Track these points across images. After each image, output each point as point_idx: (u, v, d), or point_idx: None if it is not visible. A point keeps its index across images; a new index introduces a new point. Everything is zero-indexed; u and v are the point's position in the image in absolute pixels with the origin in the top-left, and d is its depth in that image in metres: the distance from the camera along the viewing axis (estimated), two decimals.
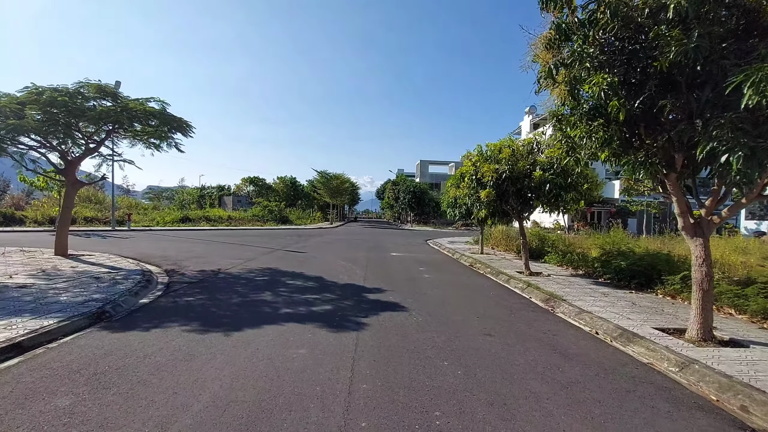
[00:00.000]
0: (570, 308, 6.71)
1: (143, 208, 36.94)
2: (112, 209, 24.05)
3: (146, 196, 64.09)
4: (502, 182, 9.70)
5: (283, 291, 7.29)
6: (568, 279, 9.67)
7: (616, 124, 4.90)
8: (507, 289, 8.53)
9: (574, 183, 9.43)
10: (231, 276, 8.77)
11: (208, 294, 6.95)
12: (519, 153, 10.07)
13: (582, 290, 8.28)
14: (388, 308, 6.22)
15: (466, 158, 10.83)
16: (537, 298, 7.64)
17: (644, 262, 8.74)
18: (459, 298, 7.22)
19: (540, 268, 11.44)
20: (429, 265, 11.82)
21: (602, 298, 7.53)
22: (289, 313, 5.78)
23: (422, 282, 8.79)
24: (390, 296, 7.10)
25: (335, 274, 9.29)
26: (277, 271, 9.63)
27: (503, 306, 6.78)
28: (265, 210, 38.09)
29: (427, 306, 6.48)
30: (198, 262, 10.66)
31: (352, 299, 6.79)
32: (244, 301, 6.47)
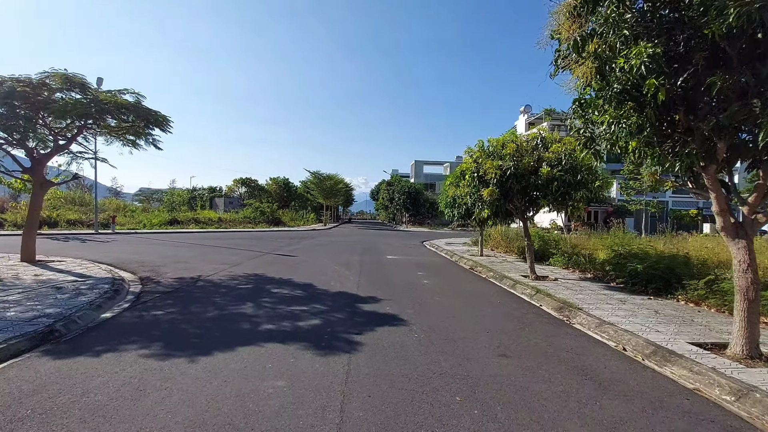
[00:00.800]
0: (588, 319, 6.00)
1: (131, 210, 35.87)
2: (95, 212, 23.04)
3: (136, 198, 62.80)
4: (506, 180, 8.98)
5: (266, 302, 6.50)
6: (577, 284, 8.97)
7: (651, 108, 4.18)
8: (514, 296, 7.80)
9: (583, 180, 8.74)
10: (211, 284, 7.95)
11: (181, 306, 6.14)
12: (523, 148, 9.36)
13: (596, 297, 7.58)
14: (385, 322, 5.46)
15: (467, 154, 10.10)
16: (549, 307, 6.93)
17: (662, 265, 8.06)
18: (463, 308, 6.48)
19: (545, 271, 10.74)
20: (427, 270, 11.07)
21: (620, 306, 6.83)
22: (270, 330, 5.00)
23: (421, 289, 8.04)
24: (387, 307, 6.34)
25: (326, 281, 8.50)
26: (264, 277, 8.82)
27: (513, 317, 6.04)
28: (257, 212, 37.17)
29: (429, 318, 5.72)
30: (178, 268, 9.83)
31: (345, 311, 6.02)
32: (221, 314, 5.68)
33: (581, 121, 4.99)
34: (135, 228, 25.67)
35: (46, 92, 8.86)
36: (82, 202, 33.65)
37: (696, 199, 41.15)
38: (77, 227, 24.16)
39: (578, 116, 4.94)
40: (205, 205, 49.24)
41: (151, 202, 56.06)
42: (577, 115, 4.93)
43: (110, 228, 23.03)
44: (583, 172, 8.73)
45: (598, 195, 9.04)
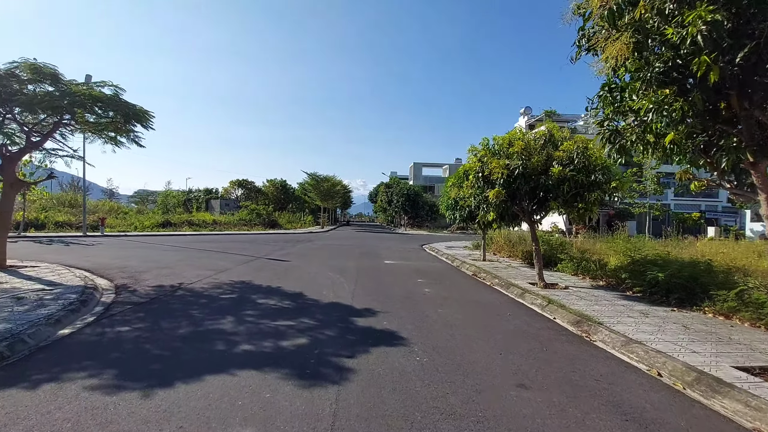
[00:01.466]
0: (611, 335, 5.31)
1: (123, 212, 35.10)
2: (83, 213, 22.28)
3: (132, 200, 62.01)
4: (514, 180, 8.31)
5: (249, 315, 5.79)
6: (590, 293, 8.28)
7: (697, 92, 3.51)
8: (524, 308, 7.11)
9: (598, 180, 8.07)
10: (191, 293, 7.24)
11: (152, 320, 5.43)
12: (531, 147, 8.69)
13: (614, 308, 6.90)
14: (382, 341, 4.76)
15: (471, 153, 9.42)
16: (564, 320, 6.24)
17: (685, 273, 7.38)
18: (470, 323, 5.78)
19: (553, 277, 10.06)
20: (428, 276, 10.37)
21: (643, 320, 6.16)
22: (248, 352, 4.29)
23: (422, 299, 7.34)
24: (384, 321, 5.64)
25: (318, 290, 7.80)
26: (250, 286, 8.11)
27: (527, 334, 5.35)
28: (253, 214, 36.44)
29: (432, 336, 5.02)
30: (160, 275, 9.12)
31: (336, 327, 5.31)
32: (195, 331, 4.97)
33: (610, 110, 4.32)
34: (126, 230, 24.91)
35: (15, 84, 8.16)
36: (74, 204, 32.86)
37: (699, 200, 40.49)
38: (65, 230, 23.40)
39: (607, 104, 4.27)
40: (201, 207, 48.49)
41: (147, 204, 55.28)
42: (606, 103, 4.26)
43: (99, 230, 22.29)
44: (598, 172, 8.07)
45: (613, 197, 8.37)
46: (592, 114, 5.11)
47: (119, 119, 9.56)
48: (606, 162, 8.26)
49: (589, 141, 8.75)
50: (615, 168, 8.40)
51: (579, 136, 8.71)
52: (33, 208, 26.71)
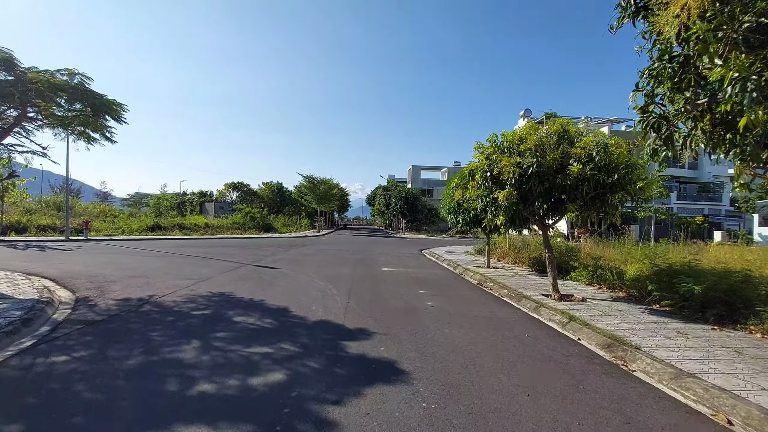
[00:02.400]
0: (654, 364, 4.40)
1: (113, 215, 34.01)
2: (65, 216, 21.25)
3: (125, 203, 60.83)
4: (527, 180, 7.42)
5: (219, 338, 4.84)
6: (613, 306, 7.38)
7: None
8: (542, 326, 6.19)
9: (622, 180, 7.19)
10: (159, 309, 6.29)
11: (99, 346, 4.48)
12: (545, 143, 7.80)
13: (645, 326, 5.99)
14: (379, 376, 3.82)
15: (477, 150, 8.52)
16: (592, 342, 5.32)
17: (723, 285, 6.49)
18: (483, 347, 4.84)
19: (567, 287, 9.15)
20: (430, 286, 9.44)
21: (684, 342, 5.25)
22: (206, 396, 3.34)
23: (425, 315, 6.40)
24: (381, 347, 4.69)
25: (307, 304, 6.85)
26: (230, 299, 7.16)
27: (554, 363, 4.42)
28: (247, 217, 35.40)
29: (440, 368, 4.09)
30: (131, 285, 8.15)
31: (323, 355, 4.37)
32: (146, 363, 4.01)
33: (667, 86, 3.41)
34: (112, 234, 23.88)
35: None
36: (61, 206, 31.74)
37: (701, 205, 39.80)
38: (48, 233, 22.33)
39: (665, 78, 3.36)
40: (195, 210, 47.43)
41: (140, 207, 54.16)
42: (664, 77, 3.35)
43: (84, 234, 21.25)
44: (621, 171, 7.18)
45: (638, 198, 7.48)
46: (632, 98, 4.21)
47: (87, 111, 8.62)
48: (631, 159, 7.39)
49: (609, 137, 7.88)
50: (640, 167, 7.53)
51: (598, 131, 7.85)
52: (15, 211, 25.68)
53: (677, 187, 39.30)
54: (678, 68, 3.17)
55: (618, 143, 7.55)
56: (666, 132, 4.11)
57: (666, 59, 3.21)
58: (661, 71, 3.32)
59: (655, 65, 3.40)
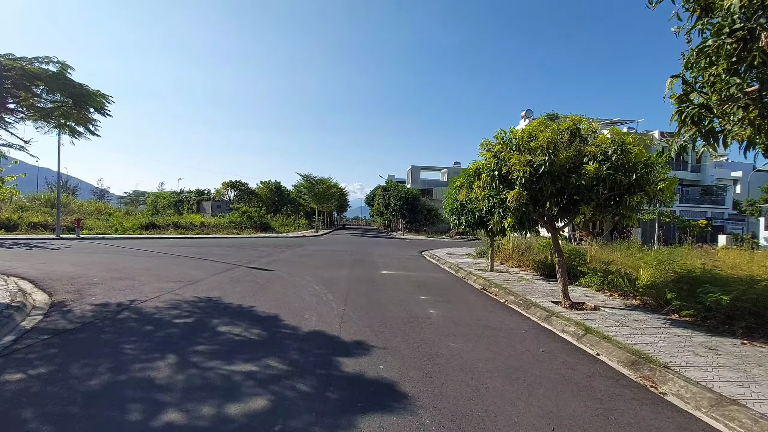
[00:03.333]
0: (688, 387, 3.89)
1: (108, 213, 33.38)
2: (57, 214, 20.68)
3: (122, 201, 60.19)
4: (538, 179, 6.91)
5: (199, 353, 4.32)
6: (629, 316, 6.88)
7: None
8: (556, 338, 5.68)
9: (641, 181, 6.68)
10: (138, 316, 5.76)
11: (62, 360, 3.95)
12: (557, 141, 7.29)
13: (668, 340, 5.48)
14: (377, 403, 3.29)
15: (484, 148, 8.01)
16: (614, 359, 4.81)
17: (752, 294, 5.98)
18: (495, 366, 4.32)
19: (576, 293, 8.65)
20: (431, 291, 8.92)
21: (716, 359, 4.75)
22: (172, 428, 2.82)
23: (428, 326, 5.88)
24: (380, 364, 4.17)
25: (300, 312, 6.33)
26: (217, 305, 6.63)
27: (576, 385, 3.90)
28: (244, 216, 34.83)
29: (448, 392, 3.56)
30: (114, 288, 7.62)
31: (314, 375, 3.84)
32: (110, 383, 3.49)
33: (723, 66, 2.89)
34: (105, 232, 23.33)
35: None
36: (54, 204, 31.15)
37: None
38: (39, 231, 21.78)
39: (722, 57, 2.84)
40: (192, 208, 46.86)
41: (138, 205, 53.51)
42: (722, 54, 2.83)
43: (75, 232, 20.70)
44: (640, 171, 6.67)
45: (657, 201, 6.98)
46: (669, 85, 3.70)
47: (68, 103, 8.10)
48: (651, 158, 6.89)
49: (625, 134, 7.37)
50: (660, 167, 7.02)
51: (614, 128, 7.33)
52: (5, 208, 25.12)
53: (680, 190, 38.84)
54: (738, 44, 2.67)
55: (636, 141, 7.05)
56: (708, 124, 3.61)
57: (726, 33, 2.71)
58: (718, 48, 2.82)
59: (709, 42, 2.89)
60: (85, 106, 8.04)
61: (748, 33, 2.58)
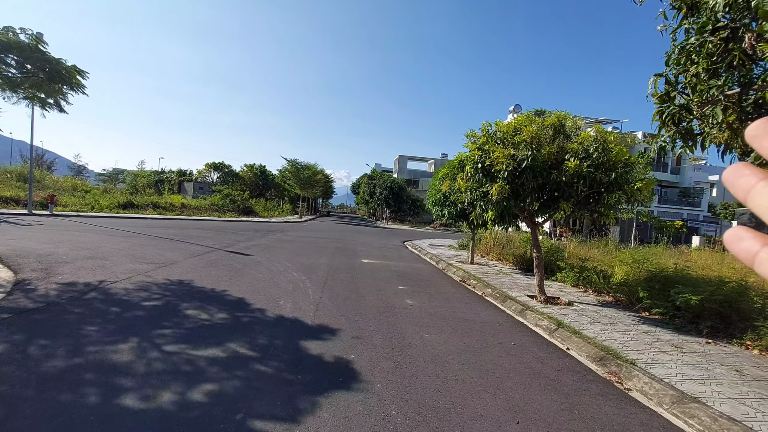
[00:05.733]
0: (653, 384, 3.97)
1: (85, 190, 32.36)
2: (29, 189, 19.92)
3: (100, 178, 58.45)
4: (521, 174, 6.91)
5: (164, 336, 4.20)
6: (600, 312, 7.01)
7: None
8: (529, 332, 5.74)
9: (620, 179, 6.75)
10: (106, 297, 5.58)
11: (20, 342, 3.78)
12: (541, 136, 7.29)
13: (637, 337, 5.60)
14: (344, 392, 3.25)
15: (470, 139, 7.96)
16: (583, 354, 4.89)
17: (719, 296, 6.14)
18: (467, 358, 4.34)
19: (552, 288, 8.79)
20: (411, 282, 8.92)
21: (681, 357, 4.87)
22: (129, 413, 2.72)
23: (403, 316, 5.86)
24: (351, 353, 4.13)
25: (274, 298, 6.24)
26: (188, 288, 6.48)
27: (544, 379, 3.94)
28: (227, 199, 34.25)
29: (417, 383, 3.55)
30: (83, 267, 7.38)
31: (282, 360, 3.78)
32: (68, 366, 3.36)
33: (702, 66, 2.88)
34: (80, 210, 22.62)
35: None
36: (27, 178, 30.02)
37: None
38: (11, 206, 20.98)
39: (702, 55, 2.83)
40: (173, 189, 45.86)
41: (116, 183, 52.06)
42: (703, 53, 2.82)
43: (48, 209, 20.00)
44: (620, 170, 6.74)
45: (635, 200, 7.06)
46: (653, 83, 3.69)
47: (40, 77, 7.72)
48: (631, 158, 6.96)
49: (608, 133, 7.42)
50: (639, 166, 7.11)
51: (597, 126, 7.37)
52: None
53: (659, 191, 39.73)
54: (720, 43, 2.65)
55: (617, 140, 7.11)
56: (688, 125, 3.62)
57: (708, 30, 2.68)
58: (699, 47, 2.79)
59: (692, 39, 2.87)
60: (59, 81, 7.67)
61: (731, 32, 2.56)
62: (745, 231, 0.36)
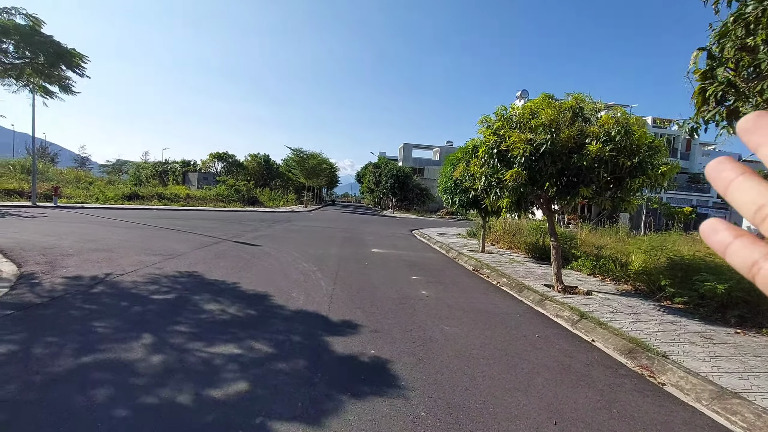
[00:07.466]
0: (689, 378, 3.77)
1: (89, 181, 32.27)
2: (33, 180, 19.80)
3: (104, 170, 58.42)
4: (539, 159, 6.64)
5: (178, 332, 4.03)
6: (622, 301, 6.79)
7: None
8: (551, 323, 5.54)
9: (643, 164, 6.46)
10: (113, 291, 5.42)
11: (23, 340, 3.62)
12: (560, 119, 6.98)
13: (663, 327, 5.39)
14: (368, 392, 3.07)
15: (483, 124, 7.67)
16: (610, 346, 4.69)
17: (747, 284, 5.89)
18: (492, 352, 4.14)
19: (569, 277, 8.56)
20: (423, 271, 8.73)
21: (712, 348, 4.66)
22: (142, 416, 2.55)
23: (420, 307, 5.67)
24: (371, 348, 3.95)
25: (287, 289, 6.06)
26: (199, 280, 6.31)
27: (575, 374, 3.75)
28: (231, 189, 34.10)
29: (443, 380, 3.36)
30: (89, 260, 7.23)
31: (301, 358, 3.60)
32: (75, 366, 3.19)
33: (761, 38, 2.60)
34: (85, 202, 22.53)
35: None
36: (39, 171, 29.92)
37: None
38: (15, 199, 20.91)
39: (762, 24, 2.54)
40: (177, 179, 45.73)
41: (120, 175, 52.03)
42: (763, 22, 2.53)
43: (53, 201, 19.92)
44: (643, 153, 6.45)
45: (658, 185, 6.78)
46: (694, 59, 3.40)
47: (41, 61, 7.47)
48: (655, 141, 6.66)
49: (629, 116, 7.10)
50: (664, 150, 6.81)
51: (618, 107, 7.05)
52: None
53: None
54: None
55: (640, 123, 6.81)
56: (733, 104, 3.34)
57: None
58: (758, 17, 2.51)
59: (749, 8, 2.59)
60: (59, 64, 7.42)
61: None
62: (720, 223, 0.37)
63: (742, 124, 0.36)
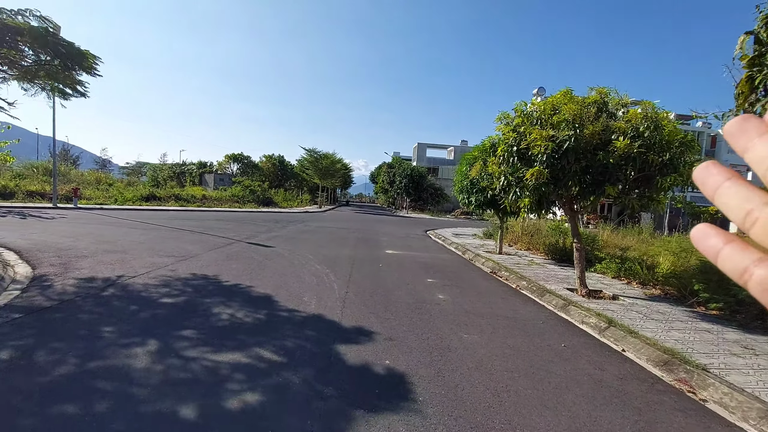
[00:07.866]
0: (733, 395, 3.43)
1: (108, 183, 32.92)
2: (53, 182, 20.20)
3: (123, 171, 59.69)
4: (561, 156, 6.31)
5: (185, 338, 3.88)
6: (652, 307, 6.41)
7: None
8: (576, 331, 5.21)
9: (675, 161, 6.08)
10: (124, 294, 5.32)
11: (29, 345, 3.51)
12: (583, 114, 6.64)
13: (698, 336, 5.01)
14: (383, 408, 2.84)
15: (501, 121, 7.37)
16: (643, 357, 4.35)
17: None
18: (515, 364, 3.86)
19: (592, 281, 8.18)
20: (439, 274, 8.46)
21: (753, 359, 4.30)
22: (141, 430, 2.38)
23: (437, 313, 5.42)
24: (386, 358, 3.72)
25: (299, 293, 5.88)
26: (211, 283, 6.19)
27: (607, 389, 3.45)
28: (246, 190, 34.33)
29: (464, 396, 3.11)
30: (102, 262, 7.20)
31: (311, 368, 3.40)
32: (78, 373, 3.05)
33: None
34: (104, 203, 22.91)
35: None
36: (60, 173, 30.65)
37: None
38: (37, 200, 21.39)
39: None
40: (194, 181, 46.39)
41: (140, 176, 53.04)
42: None
43: (73, 202, 20.30)
44: (675, 149, 6.07)
45: (691, 183, 6.37)
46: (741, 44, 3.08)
47: (55, 63, 7.48)
48: (687, 136, 6.27)
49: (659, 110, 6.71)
50: (696, 146, 6.41)
51: (647, 102, 6.66)
52: (6, 175, 24.73)
53: None
54: None
55: (668, 117, 6.42)
56: None
57: None
58: None
59: None
60: (74, 66, 7.41)
61: None
62: (711, 228, 0.36)
63: (728, 128, 0.35)
